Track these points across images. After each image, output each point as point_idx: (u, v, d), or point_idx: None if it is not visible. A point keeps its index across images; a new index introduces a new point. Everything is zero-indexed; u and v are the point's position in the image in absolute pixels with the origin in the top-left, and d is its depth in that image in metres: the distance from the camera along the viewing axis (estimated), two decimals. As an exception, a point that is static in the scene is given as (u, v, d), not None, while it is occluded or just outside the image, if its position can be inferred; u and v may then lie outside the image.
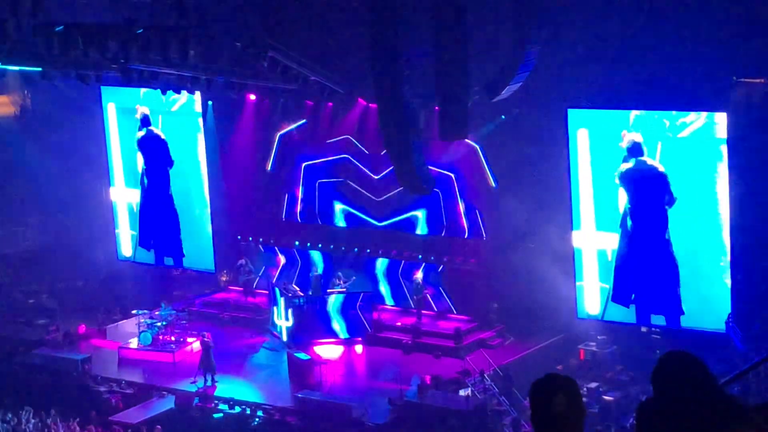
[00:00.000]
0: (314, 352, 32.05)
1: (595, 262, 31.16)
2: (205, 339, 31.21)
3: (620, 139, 29.83)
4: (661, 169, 29.43)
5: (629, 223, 30.24)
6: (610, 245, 30.74)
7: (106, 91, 37.55)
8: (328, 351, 32.67)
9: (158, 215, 38.56)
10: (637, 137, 29.56)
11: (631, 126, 29.66)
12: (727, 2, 27.77)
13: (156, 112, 37.47)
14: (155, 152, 38.05)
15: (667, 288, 29.94)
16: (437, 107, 27.41)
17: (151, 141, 37.97)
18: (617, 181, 30.15)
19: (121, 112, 38.37)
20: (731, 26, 27.46)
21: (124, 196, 39.21)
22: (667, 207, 29.62)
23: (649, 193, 29.78)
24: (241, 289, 37.05)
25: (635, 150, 29.67)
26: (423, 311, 34.03)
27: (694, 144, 28.96)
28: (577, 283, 31.34)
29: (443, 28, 24.83)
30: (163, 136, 37.74)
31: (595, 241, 31.04)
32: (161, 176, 38.18)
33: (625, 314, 30.82)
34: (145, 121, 37.84)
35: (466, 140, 30.84)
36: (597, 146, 30.40)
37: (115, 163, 39.04)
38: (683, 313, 29.83)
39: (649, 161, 29.54)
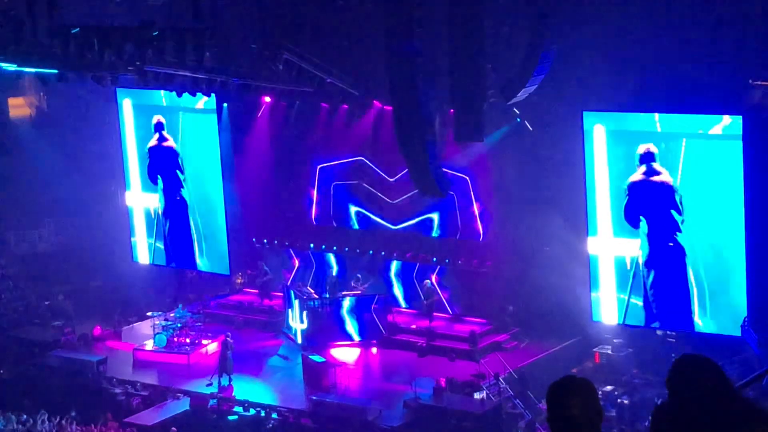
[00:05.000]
0: (330, 355, 32.09)
1: (613, 269, 30.86)
2: (228, 339, 31.25)
3: (636, 142, 29.70)
4: (670, 181, 29.30)
5: (643, 228, 30.12)
6: (629, 252, 30.52)
7: (122, 91, 37.50)
8: (345, 354, 32.70)
9: (171, 221, 38.52)
10: (652, 148, 29.42)
11: (650, 126, 29.56)
12: (744, 5, 27.70)
13: (176, 111, 37.35)
14: (165, 163, 38.07)
15: (680, 296, 29.81)
16: (452, 109, 27.38)
17: (161, 150, 38.01)
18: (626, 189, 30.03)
19: (138, 110, 38.29)
20: (747, 29, 27.39)
21: (141, 201, 39.10)
22: (676, 214, 29.49)
23: (656, 203, 29.67)
24: (258, 291, 37.09)
25: (647, 157, 29.55)
26: (435, 314, 33.93)
27: (709, 146, 28.86)
28: (594, 293, 31.12)
29: (459, 30, 24.81)
30: (174, 146, 37.66)
31: (612, 248, 30.72)
32: (173, 184, 38.14)
33: (641, 318, 30.73)
34: (159, 127, 37.83)
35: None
36: (614, 150, 30.28)
37: (131, 167, 38.97)
38: (693, 323, 29.70)
39: (658, 168, 29.39)
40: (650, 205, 29.83)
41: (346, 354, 32.75)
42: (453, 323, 33.99)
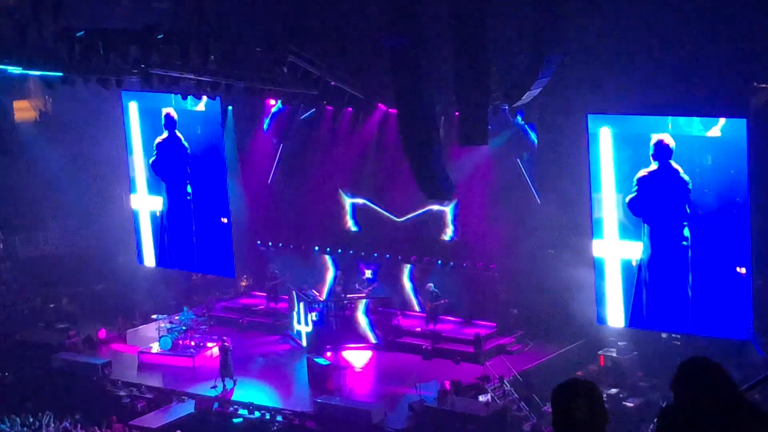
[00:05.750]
0: (336, 358, 32.10)
1: (619, 272, 30.65)
2: (225, 343, 31.27)
3: (642, 144, 29.55)
4: (685, 181, 29.17)
5: (646, 230, 30.03)
6: (635, 255, 30.33)
7: (127, 94, 37.40)
8: (356, 357, 32.73)
9: (176, 224, 38.46)
10: (667, 138, 29.17)
11: (656, 129, 29.43)
12: (748, 8, 27.68)
13: (181, 113, 37.17)
14: (173, 160, 37.99)
15: (684, 299, 29.73)
16: (457, 112, 27.38)
17: (171, 146, 37.89)
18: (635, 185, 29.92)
19: (144, 114, 38.18)
20: (752, 32, 27.36)
21: (147, 204, 38.93)
22: (685, 222, 29.37)
23: (667, 201, 29.55)
24: (266, 294, 37.07)
25: (662, 151, 29.35)
26: (439, 316, 33.89)
27: (714, 148, 28.79)
28: (599, 296, 31.02)
29: (464, 33, 24.78)
30: (185, 145, 37.55)
31: (618, 251, 30.47)
32: (178, 184, 38.08)
33: (646, 321, 30.67)
34: (170, 123, 37.72)
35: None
36: (620, 152, 30.16)
37: (137, 170, 38.83)
38: (698, 326, 29.60)
39: (675, 166, 29.26)
40: (659, 203, 29.68)
41: (357, 357, 32.77)
42: (459, 326, 33.95)
